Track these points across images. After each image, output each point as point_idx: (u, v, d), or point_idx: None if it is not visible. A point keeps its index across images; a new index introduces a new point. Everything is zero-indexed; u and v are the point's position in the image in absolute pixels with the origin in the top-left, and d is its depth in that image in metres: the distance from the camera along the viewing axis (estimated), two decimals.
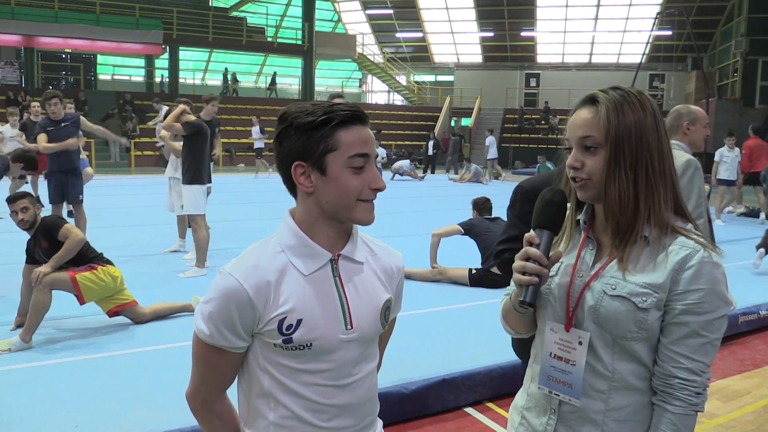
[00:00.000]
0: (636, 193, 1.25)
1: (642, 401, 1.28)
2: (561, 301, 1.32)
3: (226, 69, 30.54)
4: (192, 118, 6.12)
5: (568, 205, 1.36)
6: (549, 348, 1.34)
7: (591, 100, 1.29)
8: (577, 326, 1.30)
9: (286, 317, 1.24)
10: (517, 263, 1.27)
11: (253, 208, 11.06)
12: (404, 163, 19.47)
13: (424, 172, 20.86)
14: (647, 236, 1.26)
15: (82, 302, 4.32)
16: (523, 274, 1.26)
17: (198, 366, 1.32)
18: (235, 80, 30.14)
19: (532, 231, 1.29)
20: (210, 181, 6.51)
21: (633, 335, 1.24)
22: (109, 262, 4.49)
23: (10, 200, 4.35)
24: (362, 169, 1.26)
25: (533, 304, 1.27)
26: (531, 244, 1.27)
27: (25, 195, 4.39)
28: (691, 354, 1.23)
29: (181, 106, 6.14)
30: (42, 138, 6.49)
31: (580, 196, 1.32)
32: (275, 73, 31.46)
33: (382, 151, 19.66)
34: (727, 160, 10.78)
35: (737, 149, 10.92)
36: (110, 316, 4.52)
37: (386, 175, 19.35)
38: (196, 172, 6.11)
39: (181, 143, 6.33)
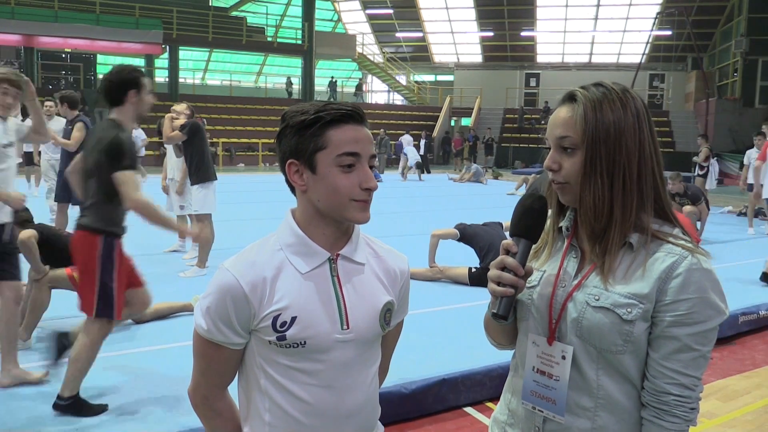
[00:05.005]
0: (611, 198, 1.17)
1: (630, 420, 1.21)
2: (543, 313, 1.24)
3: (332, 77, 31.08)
4: (182, 120, 6.18)
5: (550, 212, 1.29)
6: (531, 362, 1.26)
7: (570, 98, 1.22)
8: (560, 339, 1.22)
9: (280, 314, 1.24)
10: (493, 272, 1.21)
11: (253, 208, 11.05)
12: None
13: (422, 172, 20.74)
14: (632, 243, 1.18)
15: None
16: (499, 284, 1.20)
17: (198, 362, 1.33)
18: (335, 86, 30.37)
19: (510, 239, 1.24)
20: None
21: (618, 348, 1.17)
22: None
23: None
24: (352, 168, 1.25)
25: (506, 317, 1.20)
26: (508, 252, 1.21)
27: None
28: (683, 369, 1.15)
29: (168, 115, 6.20)
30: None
31: (561, 199, 1.25)
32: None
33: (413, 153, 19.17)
34: None
35: None
36: None
37: (393, 174, 19.36)
38: (203, 172, 6.20)
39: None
